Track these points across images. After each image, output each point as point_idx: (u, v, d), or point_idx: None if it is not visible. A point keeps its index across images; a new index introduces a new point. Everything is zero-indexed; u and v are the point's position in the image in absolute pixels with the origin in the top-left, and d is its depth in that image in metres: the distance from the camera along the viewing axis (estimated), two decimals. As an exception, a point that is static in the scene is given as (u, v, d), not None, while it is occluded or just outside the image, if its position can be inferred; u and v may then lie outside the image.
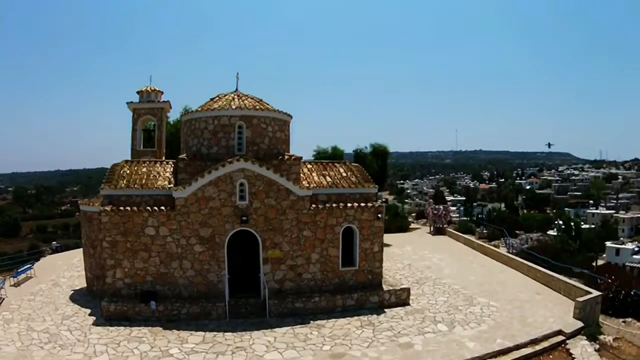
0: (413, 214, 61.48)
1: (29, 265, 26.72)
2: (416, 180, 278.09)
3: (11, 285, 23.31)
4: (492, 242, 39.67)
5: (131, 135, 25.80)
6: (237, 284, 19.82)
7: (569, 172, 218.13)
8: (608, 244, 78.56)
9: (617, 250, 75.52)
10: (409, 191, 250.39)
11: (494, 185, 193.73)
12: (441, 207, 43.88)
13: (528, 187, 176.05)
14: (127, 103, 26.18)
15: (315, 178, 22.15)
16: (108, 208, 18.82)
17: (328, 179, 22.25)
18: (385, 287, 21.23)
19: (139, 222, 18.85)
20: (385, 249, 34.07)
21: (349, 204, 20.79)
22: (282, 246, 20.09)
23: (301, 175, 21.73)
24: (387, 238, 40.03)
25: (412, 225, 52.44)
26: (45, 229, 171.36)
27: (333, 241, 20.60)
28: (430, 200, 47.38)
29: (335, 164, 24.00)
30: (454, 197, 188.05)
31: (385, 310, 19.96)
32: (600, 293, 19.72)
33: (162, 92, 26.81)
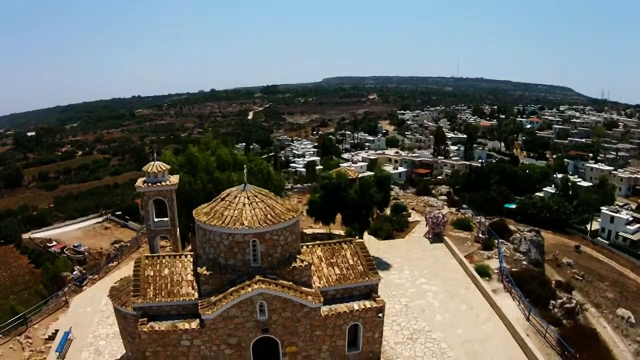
0: (412, 205, 63.94)
1: (66, 332, 29.15)
2: (417, 111, 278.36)
3: (57, 359, 26.61)
4: (486, 254, 42.90)
5: (144, 217, 27.94)
6: None
7: (570, 112, 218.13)
8: (604, 210, 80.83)
9: (612, 218, 78.03)
10: (409, 122, 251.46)
11: (494, 122, 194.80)
12: (440, 215, 46.68)
13: (528, 127, 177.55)
14: (135, 187, 27.92)
15: (325, 270, 25.03)
16: (146, 329, 21.80)
17: (337, 270, 25.13)
18: (383, 364, 24.89)
19: (175, 337, 22.01)
20: (384, 274, 37.49)
21: (356, 307, 23.74)
22: (298, 343, 23.46)
23: (311, 265, 24.44)
24: (387, 250, 43.27)
25: (412, 217, 55.48)
26: (47, 176, 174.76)
27: (340, 335, 23.90)
28: (429, 211, 50.05)
29: (343, 246, 26.58)
30: (454, 134, 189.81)
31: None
32: None
33: (168, 168, 28.21)
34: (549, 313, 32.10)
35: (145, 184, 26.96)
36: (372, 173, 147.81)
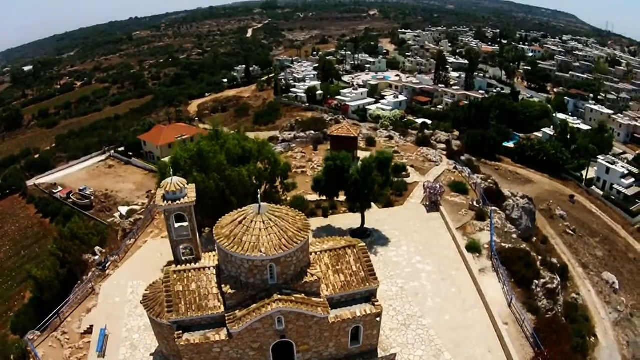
0: (411, 160, 66.50)
1: (102, 329, 31.77)
2: (418, 30, 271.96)
3: (98, 357, 29.95)
4: (479, 225, 46.33)
5: (167, 230, 30.89)
6: None
7: (573, 44, 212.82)
8: (600, 159, 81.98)
9: (608, 169, 78.92)
10: (410, 42, 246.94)
11: (496, 47, 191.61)
12: (437, 185, 49.86)
13: (530, 55, 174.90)
14: (156, 204, 30.42)
15: (331, 278, 28.90)
16: (183, 342, 26.00)
17: (342, 277, 28.95)
18: (380, 353, 29.85)
19: (207, 347, 26.29)
20: (383, 251, 41.42)
21: (358, 314, 27.81)
22: (309, 343, 27.96)
23: (319, 272, 28.24)
24: (386, 220, 46.62)
25: (411, 178, 58.51)
26: (47, 113, 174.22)
27: (344, 334, 28.37)
28: (427, 182, 53.13)
29: (347, 252, 30.07)
30: (455, 59, 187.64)
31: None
32: None
33: (185, 184, 30.37)
34: (531, 294, 36.19)
35: (165, 202, 29.31)
36: (371, 99, 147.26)
